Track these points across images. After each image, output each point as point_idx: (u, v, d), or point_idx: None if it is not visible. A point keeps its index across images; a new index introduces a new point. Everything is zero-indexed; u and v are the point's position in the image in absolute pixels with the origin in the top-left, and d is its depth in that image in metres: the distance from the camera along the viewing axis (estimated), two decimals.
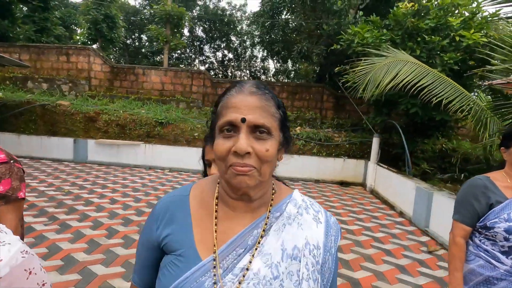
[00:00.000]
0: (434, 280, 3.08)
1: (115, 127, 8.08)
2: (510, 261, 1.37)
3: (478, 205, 1.46)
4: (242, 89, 0.62)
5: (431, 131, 6.53)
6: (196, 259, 0.61)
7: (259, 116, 0.59)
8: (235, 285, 0.59)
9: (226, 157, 0.59)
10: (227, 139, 0.59)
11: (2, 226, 0.80)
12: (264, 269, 0.60)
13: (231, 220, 0.66)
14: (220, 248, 0.62)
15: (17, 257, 0.72)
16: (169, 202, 0.70)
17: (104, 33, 13.41)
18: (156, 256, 0.68)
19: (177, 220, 0.66)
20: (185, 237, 0.64)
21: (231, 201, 0.66)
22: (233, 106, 0.60)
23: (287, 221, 0.66)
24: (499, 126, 4.13)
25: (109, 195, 5.17)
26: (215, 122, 0.64)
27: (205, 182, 0.74)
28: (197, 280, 0.59)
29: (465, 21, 5.47)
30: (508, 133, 1.51)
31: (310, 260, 0.63)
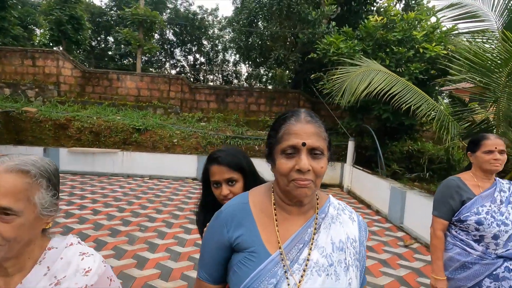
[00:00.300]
0: (413, 271, 3.41)
1: (88, 134, 7.76)
2: (481, 247, 1.63)
3: (453, 202, 1.72)
4: (300, 118, 0.78)
5: (400, 134, 7.09)
6: (266, 254, 0.75)
7: (315, 140, 0.75)
8: (301, 273, 0.74)
9: (289, 174, 0.75)
10: (290, 159, 0.75)
11: (78, 239, 0.87)
12: (321, 259, 0.76)
13: (288, 222, 0.81)
14: (284, 244, 0.77)
15: (101, 267, 0.81)
16: (234, 209, 0.84)
17: (69, 35, 12.73)
18: (226, 255, 0.81)
19: (244, 224, 0.80)
20: (254, 237, 0.78)
21: (286, 207, 0.82)
22: (294, 132, 0.75)
23: (332, 220, 0.83)
24: (459, 130, 4.63)
25: (90, 206, 4.98)
26: (274, 144, 0.79)
27: (259, 191, 0.89)
28: (271, 270, 0.73)
29: (427, 34, 6.06)
30: (473, 140, 1.80)
31: (351, 250, 0.81)
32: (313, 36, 8.04)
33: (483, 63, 4.01)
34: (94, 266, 0.79)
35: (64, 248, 0.80)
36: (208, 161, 1.26)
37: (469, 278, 1.64)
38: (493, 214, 1.59)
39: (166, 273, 3.05)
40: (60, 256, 0.78)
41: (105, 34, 21.09)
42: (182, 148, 7.91)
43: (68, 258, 0.78)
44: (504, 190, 1.67)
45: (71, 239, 0.84)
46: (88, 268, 0.78)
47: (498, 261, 1.57)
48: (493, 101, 4.20)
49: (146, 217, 4.67)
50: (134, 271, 3.05)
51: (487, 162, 1.65)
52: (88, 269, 0.78)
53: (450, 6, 5.12)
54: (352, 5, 9.29)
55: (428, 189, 5.86)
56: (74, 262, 0.78)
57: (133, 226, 4.26)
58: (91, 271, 0.78)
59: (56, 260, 0.77)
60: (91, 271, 0.78)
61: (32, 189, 0.72)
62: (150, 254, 3.45)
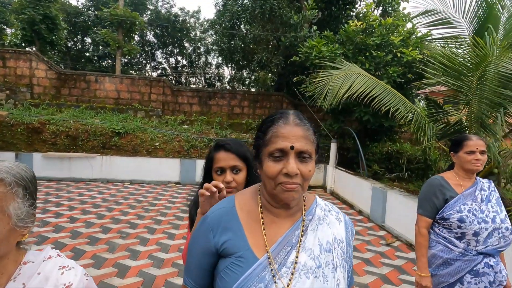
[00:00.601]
0: (395, 268, 3.49)
1: (64, 138, 7.43)
2: (462, 244, 1.68)
3: (437, 201, 1.77)
4: (288, 121, 0.76)
5: (380, 136, 7.30)
6: (253, 258, 0.74)
7: (304, 144, 0.74)
8: (289, 276, 0.73)
9: (276, 177, 0.73)
10: (277, 162, 0.74)
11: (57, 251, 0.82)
12: (309, 261, 0.75)
13: (275, 224, 0.80)
14: (272, 248, 0.75)
15: (83, 281, 0.75)
16: (220, 213, 0.81)
17: (43, 35, 12.18)
18: (213, 260, 0.79)
19: (231, 228, 0.78)
20: (241, 242, 0.76)
21: (273, 209, 0.80)
22: (282, 135, 0.74)
23: (319, 222, 0.82)
24: (435, 131, 4.82)
25: (66, 213, 4.75)
26: (262, 146, 0.78)
27: (245, 194, 0.87)
28: (259, 275, 0.72)
29: (403, 39, 6.30)
30: (455, 140, 1.87)
31: (338, 251, 0.80)
32: (295, 40, 8.15)
33: (456, 67, 4.21)
34: (75, 280, 0.74)
35: (41, 262, 0.74)
36: (214, 148, 1.24)
37: (451, 274, 1.69)
38: (474, 212, 1.65)
39: (149, 280, 2.95)
40: (37, 271, 0.72)
41: (82, 35, 20.37)
42: (165, 151, 7.75)
43: (46, 273, 0.72)
44: (484, 189, 1.74)
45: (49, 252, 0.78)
46: (68, 283, 0.73)
47: (478, 257, 1.63)
48: (466, 103, 4.41)
49: (128, 223, 4.51)
50: (115, 280, 2.93)
51: (468, 162, 1.71)
52: (68, 284, 0.72)
53: (425, 13, 5.36)
54: (332, 10, 9.51)
55: (407, 188, 6.06)
56: (53, 277, 0.72)
57: (113, 233, 4.10)
58: (72, 286, 0.72)
59: (32, 275, 0.71)
60: (72, 286, 0.72)
61: (6, 198, 0.66)
62: (132, 261, 3.33)
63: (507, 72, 3.51)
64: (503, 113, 3.91)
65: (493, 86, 3.76)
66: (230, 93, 10.09)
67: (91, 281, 0.78)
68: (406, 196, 4.57)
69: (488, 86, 3.80)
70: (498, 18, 4.63)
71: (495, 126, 3.94)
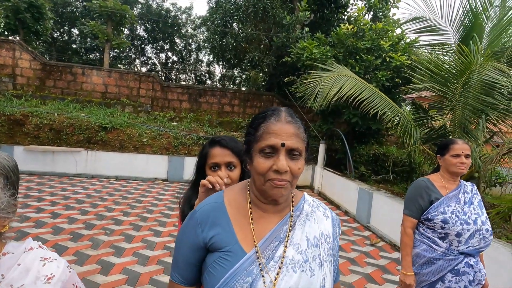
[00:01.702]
0: (378, 268, 3.57)
1: (48, 131, 7.20)
2: (445, 244, 1.74)
3: (422, 202, 1.82)
4: (280, 118, 0.77)
5: (367, 138, 7.43)
6: (241, 253, 0.74)
7: (295, 141, 0.75)
8: (276, 270, 0.74)
9: (266, 173, 0.74)
10: (268, 159, 0.74)
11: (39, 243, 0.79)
12: (297, 255, 0.76)
13: (264, 220, 0.80)
14: (260, 242, 0.76)
15: (66, 273, 0.73)
16: (208, 208, 0.82)
17: (28, 24, 11.75)
18: (200, 255, 0.79)
19: (219, 223, 0.79)
20: (229, 236, 0.77)
21: (262, 205, 0.81)
22: (273, 132, 0.74)
23: (306, 217, 0.84)
24: (420, 135, 4.95)
25: (48, 209, 4.61)
26: (253, 142, 0.78)
27: (235, 189, 0.87)
28: (247, 269, 0.72)
29: (393, 44, 6.43)
30: (441, 144, 1.93)
31: (325, 246, 0.82)
32: (287, 40, 8.19)
33: (442, 73, 4.34)
34: (57, 272, 0.71)
35: (22, 253, 0.72)
36: (210, 144, 1.23)
37: (433, 273, 1.74)
38: (457, 213, 1.71)
39: (133, 278, 2.91)
40: (17, 262, 0.69)
41: (69, 26, 19.80)
42: (152, 148, 7.63)
43: (26, 264, 0.69)
44: (467, 192, 1.80)
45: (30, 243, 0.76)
46: (50, 274, 0.70)
47: (460, 257, 1.69)
48: (450, 109, 4.55)
49: (112, 219, 4.42)
50: (98, 277, 2.87)
51: (454, 165, 1.77)
52: (50, 275, 0.70)
53: (414, 19, 5.49)
54: (324, 12, 9.61)
55: (392, 190, 6.20)
56: (34, 269, 0.70)
57: (97, 229, 4.02)
58: (54, 277, 0.70)
59: (12, 266, 0.68)
60: (54, 277, 0.70)
61: None
62: (116, 258, 3.26)
63: (490, 80, 3.65)
64: (485, 120, 4.06)
65: (476, 93, 3.89)
66: (221, 91, 10.03)
67: (74, 274, 0.76)
68: (391, 197, 4.68)
69: (472, 93, 3.93)
70: (482, 27, 4.79)
71: (477, 131, 4.08)
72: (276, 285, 0.71)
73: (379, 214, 4.79)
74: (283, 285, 0.72)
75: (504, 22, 4.50)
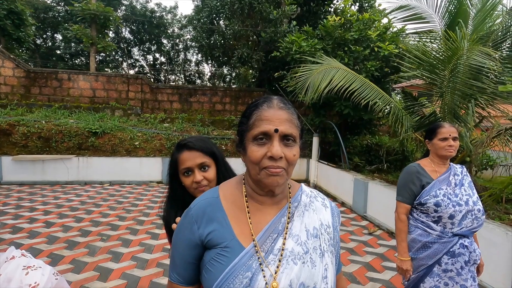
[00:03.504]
0: (378, 256, 3.61)
1: (36, 140, 7.05)
2: (439, 227, 1.75)
3: (414, 187, 1.84)
4: (272, 104, 0.75)
5: (359, 129, 7.47)
6: (240, 247, 0.72)
7: (288, 127, 0.73)
8: (276, 263, 0.72)
9: (261, 161, 0.72)
10: (261, 146, 0.72)
11: (23, 251, 0.76)
12: (296, 247, 0.74)
13: (261, 212, 0.78)
14: (258, 236, 0.74)
15: (52, 280, 0.71)
16: (204, 204, 0.79)
17: (8, 32, 11.44)
18: (198, 253, 0.76)
19: (216, 219, 0.76)
20: (227, 232, 0.75)
21: (258, 197, 0.79)
22: (266, 118, 0.72)
23: (305, 208, 0.82)
24: (411, 122, 5.00)
25: (41, 218, 4.53)
26: (246, 131, 0.76)
27: (230, 184, 0.85)
28: (246, 264, 0.70)
29: (380, 34, 6.46)
30: (429, 129, 1.94)
31: (325, 237, 0.80)
32: (275, 35, 8.16)
33: (430, 60, 4.37)
34: (42, 280, 0.69)
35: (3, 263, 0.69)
36: (176, 149, 1.17)
37: (429, 257, 1.76)
38: (449, 196, 1.73)
39: (133, 282, 2.87)
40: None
41: (52, 32, 19.38)
42: (145, 150, 7.55)
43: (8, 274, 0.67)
44: (457, 174, 1.82)
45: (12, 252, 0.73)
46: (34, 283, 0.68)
47: (454, 238, 1.71)
48: (439, 95, 4.59)
49: (108, 225, 4.36)
50: (96, 284, 2.83)
51: (442, 148, 1.79)
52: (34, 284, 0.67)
53: (400, 8, 5.51)
54: (311, 5, 9.59)
55: (386, 179, 6.26)
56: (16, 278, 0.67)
57: (93, 236, 3.96)
58: (38, 286, 0.67)
59: None
60: (38, 286, 0.67)
61: None
62: (114, 264, 3.22)
63: (477, 64, 3.69)
64: (474, 104, 4.11)
65: (464, 78, 3.93)
66: (211, 89, 9.96)
67: (62, 281, 0.74)
68: (386, 186, 4.72)
69: (460, 78, 3.97)
70: (467, 13, 4.84)
71: (467, 116, 4.13)
72: (277, 278, 0.70)
73: (375, 203, 4.84)
74: (284, 278, 0.70)
75: (487, 7, 4.55)
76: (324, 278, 0.75)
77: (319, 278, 0.73)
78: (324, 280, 0.74)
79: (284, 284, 0.70)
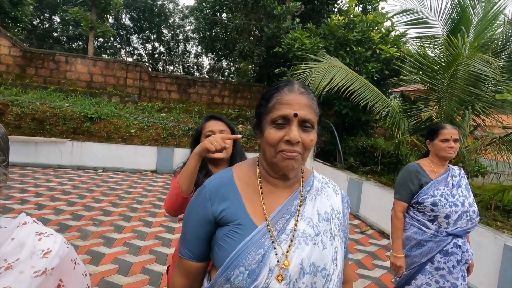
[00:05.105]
0: (368, 254, 3.66)
1: (30, 121, 6.93)
2: (434, 226, 1.79)
3: (413, 186, 1.87)
4: (293, 88, 0.76)
5: (356, 130, 7.53)
6: (252, 225, 0.74)
7: (308, 112, 0.74)
8: (288, 242, 0.73)
9: (277, 144, 0.73)
10: (279, 129, 0.73)
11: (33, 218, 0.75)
12: (308, 228, 0.76)
13: (274, 194, 0.80)
14: (271, 216, 0.76)
15: (63, 248, 0.70)
16: (218, 183, 0.81)
17: (5, 10, 11.15)
18: (210, 229, 0.78)
19: (229, 197, 0.78)
20: (240, 210, 0.76)
21: (272, 179, 0.81)
22: (286, 102, 0.74)
23: (317, 193, 0.84)
24: (408, 126, 5.06)
25: (32, 200, 4.47)
26: (264, 114, 0.77)
27: (244, 165, 0.87)
28: (258, 241, 0.72)
29: (382, 37, 6.49)
30: (430, 129, 1.97)
31: (336, 221, 0.82)
32: (278, 31, 8.13)
33: (431, 65, 4.42)
34: (54, 247, 0.67)
35: (15, 227, 0.67)
36: (206, 118, 1.45)
37: (423, 254, 1.80)
38: (446, 196, 1.76)
39: (125, 267, 2.87)
40: (11, 236, 0.64)
41: (50, 13, 18.95)
42: (141, 139, 7.49)
43: (21, 239, 0.65)
44: (455, 175, 1.86)
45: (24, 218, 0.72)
46: (47, 249, 0.66)
47: (448, 238, 1.75)
48: (437, 101, 4.66)
49: (101, 210, 4.34)
50: (88, 267, 2.81)
51: (443, 149, 1.82)
52: (47, 250, 0.66)
53: (404, 11, 5.54)
54: (315, 4, 9.58)
55: (379, 181, 6.34)
56: (29, 243, 0.65)
57: (85, 220, 3.93)
58: (51, 252, 0.66)
59: (5, 241, 0.64)
60: (51, 252, 0.66)
61: None
62: (106, 249, 3.21)
63: (477, 71, 3.74)
64: (470, 111, 4.18)
65: (463, 84, 3.99)
66: (211, 82, 9.89)
67: (72, 250, 0.73)
68: (380, 187, 4.78)
69: (459, 84, 4.03)
70: (469, 21, 4.89)
71: (463, 122, 4.20)
72: (288, 257, 0.71)
73: (368, 203, 4.90)
74: (296, 257, 0.71)
75: (489, 16, 4.61)
76: (334, 260, 0.76)
77: (329, 260, 0.75)
78: (333, 262, 0.76)
79: (295, 262, 0.71)
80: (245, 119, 9.25)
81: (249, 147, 8.01)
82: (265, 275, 0.69)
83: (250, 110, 9.77)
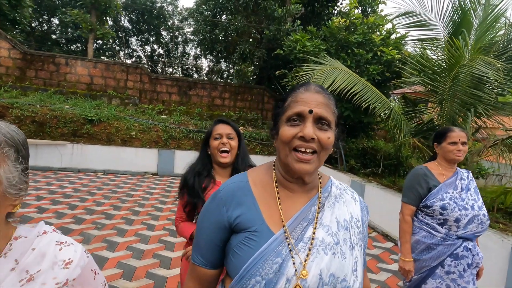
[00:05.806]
0: (373, 257, 3.65)
1: (30, 124, 6.90)
2: (444, 230, 1.78)
3: (421, 190, 1.85)
4: (309, 88, 0.75)
5: (357, 132, 7.53)
6: (269, 233, 0.71)
7: (324, 110, 0.72)
8: (306, 251, 0.70)
9: (291, 141, 0.72)
10: (294, 127, 0.72)
11: (52, 226, 0.74)
12: (327, 237, 0.73)
13: (291, 200, 0.77)
14: (288, 222, 0.73)
15: (84, 258, 0.68)
16: (233, 188, 0.78)
17: (4, 12, 11.12)
18: (225, 235, 0.75)
19: (244, 203, 0.75)
20: (256, 216, 0.74)
21: (289, 184, 0.78)
22: (302, 100, 0.73)
23: (335, 199, 0.81)
24: (409, 128, 5.06)
25: (34, 203, 4.43)
26: (281, 114, 0.76)
27: (259, 170, 0.84)
28: (275, 250, 0.69)
29: (383, 39, 6.51)
30: (439, 132, 1.96)
31: (355, 230, 0.79)
32: (278, 33, 8.14)
33: (433, 68, 4.43)
34: (75, 257, 0.66)
35: (35, 237, 0.66)
36: (215, 122, 1.59)
37: (433, 258, 1.78)
38: (455, 200, 1.75)
39: (129, 272, 2.84)
40: (31, 246, 0.63)
41: (49, 15, 18.92)
42: (141, 141, 7.46)
43: (41, 249, 0.64)
44: (464, 178, 1.85)
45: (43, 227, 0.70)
46: (68, 259, 0.65)
47: (458, 241, 1.73)
48: (439, 103, 4.66)
49: (103, 214, 4.30)
50: None
51: (451, 152, 1.81)
52: (68, 260, 0.65)
53: (405, 14, 5.56)
54: (315, 6, 9.60)
55: (381, 183, 6.33)
56: (50, 253, 0.64)
57: (87, 224, 3.90)
58: (73, 262, 0.65)
59: (26, 251, 0.63)
60: (73, 262, 0.65)
61: None
62: (109, 253, 3.18)
63: (479, 73, 3.75)
64: (473, 113, 4.18)
65: (465, 86, 4.00)
66: (211, 84, 9.88)
67: (92, 260, 0.71)
68: (383, 189, 4.77)
69: (461, 86, 4.03)
70: (470, 24, 4.91)
71: (466, 124, 4.20)
72: (307, 267, 0.68)
73: (371, 206, 4.85)
74: (314, 267, 0.69)
75: (490, 19, 4.63)
76: (354, 271, 0.73)
77: (349, 271, 0.72)
78: (354, 273, 0.73)
79: (314, 273, 0.68)
80: (245, 121, 9.23)
81: (249, 149, 8.00)
82: (283, 286, 0.67)
83: (251, 112, 9.76)
